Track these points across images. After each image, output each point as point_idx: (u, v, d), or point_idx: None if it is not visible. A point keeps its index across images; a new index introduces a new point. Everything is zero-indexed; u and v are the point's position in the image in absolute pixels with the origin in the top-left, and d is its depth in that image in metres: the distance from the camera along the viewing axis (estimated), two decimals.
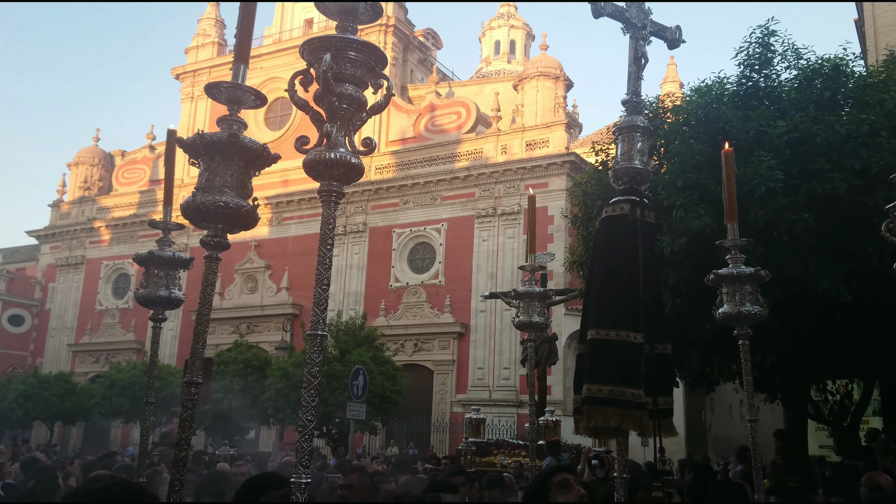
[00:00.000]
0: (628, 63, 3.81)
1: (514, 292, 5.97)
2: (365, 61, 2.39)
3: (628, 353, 3.38)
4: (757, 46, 10.67)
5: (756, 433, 4.59)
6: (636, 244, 3.54)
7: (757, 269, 4.48)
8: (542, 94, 32.01)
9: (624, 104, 3.78)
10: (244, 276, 36.04)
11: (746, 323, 4.50)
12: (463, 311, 30.71)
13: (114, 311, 39.51)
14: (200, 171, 2.52)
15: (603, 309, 3.49)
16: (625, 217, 3.56)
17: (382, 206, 33.49)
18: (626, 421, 3.32)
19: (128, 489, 2.55)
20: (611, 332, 3.40)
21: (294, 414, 22.87)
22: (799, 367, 10.34)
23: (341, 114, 2.40)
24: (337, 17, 2.39)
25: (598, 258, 3.69)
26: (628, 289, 3.47)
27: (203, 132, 2.49)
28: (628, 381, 3.34)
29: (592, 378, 3.41)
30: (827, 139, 8.97)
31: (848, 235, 8.90)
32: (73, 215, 42.37)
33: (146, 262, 4.09)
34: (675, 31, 4.00)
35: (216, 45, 41.27)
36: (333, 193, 2.41)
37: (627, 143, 3.69)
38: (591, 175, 13.29)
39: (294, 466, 2.22)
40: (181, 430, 2.59)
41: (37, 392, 30.62)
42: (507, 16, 48.07)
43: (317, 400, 2.31)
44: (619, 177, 3.67)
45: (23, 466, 8.08)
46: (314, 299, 2.36)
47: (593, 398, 3.36)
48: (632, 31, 3.83)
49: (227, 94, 2.54)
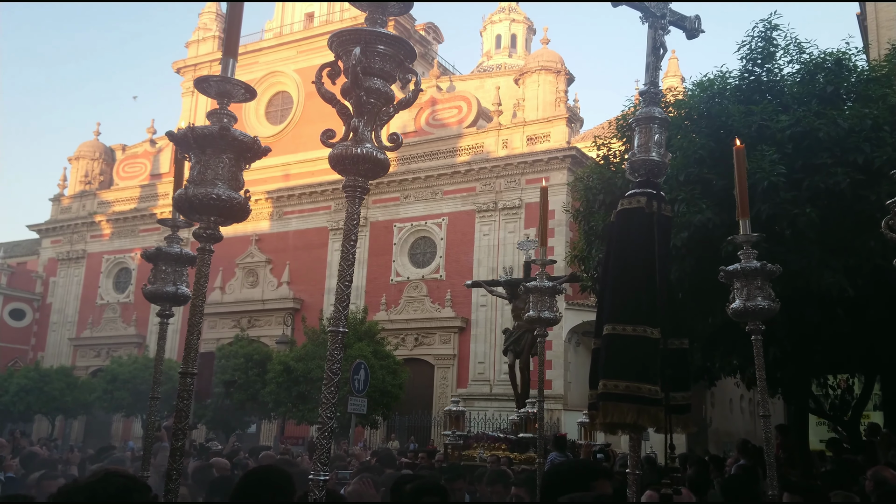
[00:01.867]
0: (646, 53, 3.72)
1: (496, 280, 5.96)
2: (394, 55, 2.37)
3: (645, 348, 3.33)
4: (759, 41, 10.63)
5: (770, 429, 4.56)
6: (653, 238, 3.48)
7: (764, 264, 4.43)
8: (543, 88, 31.95)
9: (642, 95, 3.70)
10: (245, 271, 36.04)
11: (757, 318, 4.44)
12: (464, 305, 30.71)
13: (115, 305, 39.53)
14: (192, 165, 2.53)
15: (619, 303, 3.45)
16: (641, 210, 3.49)
17: (383, 201, 33.47)
18: (642, 417, 3.28)
19: (119, 481, 2.55)
20: (627, 327, 3.36)
21: (295, 408, 22.93)
22: (801, 362, 10.35)
23: (369, 108, 2.38)
24: (367, 9, 2.37)
25: (613, 252, 3.62)
26: (644, 283, 3.43)
27: (194, 125, 2.49)
28: (644, 377, 3.30)
29: (608, 374, 3.36)
30: (829, 134, 8.95)
31: (850, 230, 8.88)
32: (74, 209, 42.36)
33: (154, 259, 4.14)
34: (695, 20, 3.90)
35: (217, 39, 41.17)
36: (359, 189, 2.38)
37: (644, 134, 3.61)
38: (592, 169, 13.26)
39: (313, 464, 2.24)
40: (177, 420, 2.61)
41: (38, 386, 30.67)
42: (508, 10, 47.94)
43: (337, 397, 2.30)
44: (635, 169, 3.60)
45: (22, 461, 8.13)
46: (336, 295, 2.33)
47: (609, 394, 3.32)
48: (650, 21, 3.73)
49: (216, 87, 2.55)
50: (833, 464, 9.19)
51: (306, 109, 35.89)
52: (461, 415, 14.30)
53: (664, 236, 3.55)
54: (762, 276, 4.42)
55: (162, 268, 4.13)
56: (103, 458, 8.60)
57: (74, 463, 8.95)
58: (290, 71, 37.22)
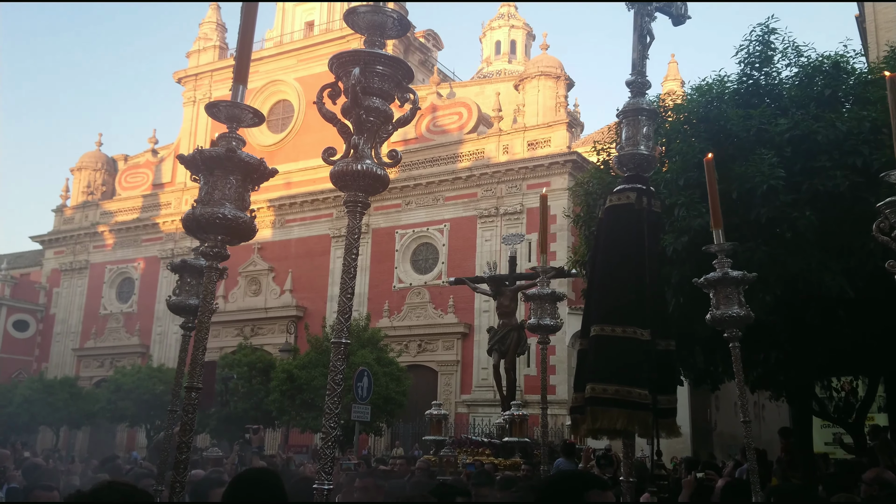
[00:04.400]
0: (633, 42, 3.56)
1: (480, 277, 5.99)
2: (392, 75, 2.46)
3: (635, 350, 3.19)
4: (757, 44, 10.66)
5: (756, 434, 4.62)
6: (642, 235, 3.34)
7: (743, 274, 4.42)
8: (543, 93, 32.03)
9: (628, 85, 3.54)
10: (248, 279, 36.09)
11: (733, 326, 4.43)
12: (466, 311, 30.71)
13: (118, 315, 39.57)
14: (200, 185, 2.60)
15: (607, 303, 3.30)
16: (630, 206, 3.36)
17: (385, 208, 33.53)
18: (632, 422, 3.15)
19: (122, 490, 2.59)
20: (616, 328, 3.22)
21: (299, 416, 22.93)
22: (803, 365, 10.34)
23: (368, 126, 2.47)
24: (365, 31, 2.46)
25: (601, 249, 3.48)
26: (634, 282, 3.27)
27: (202, 148, 2.57)
28: (634, 380, 3.15)
29: (596, 377, 3.21)
30: (828, 136, 8.97)
31: (850, 232, 8.89)
32: (77, 220, 42.47)
33: (180, 270, 4.19)
34: (682, 6, 3.73)
35: (217, 48, 41.34)
36: (359, 204, 2.47)
37: (632, 127, 3.46)
38: (592, 174, 13.29)
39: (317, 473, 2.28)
40: (182, 433, 2.65)
41: (42, 397, 30.70)
42: (507, 16, 48.09)
43: (339, 407, 2.35)
44: (623, 163, 3.46)
45: (24, 473, 8.17)
46: (339, 307, 2.40)
47: (598, 398, 3.17)
48: (637, 7, 3.57)
49: (226, 112, 2.62)
50: (836, 466, 9.19)
51: (307, 118, 35.97)
52: (443, 419, 13.19)
53: (654, 233, 3.41)
54: (733, 283, 4.39)
55: (187, 280, 4.17)
56: (109, 469, 8.64)
57: (76, 473, 8.99)
58: (291, 79, 37.32)
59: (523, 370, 28.78)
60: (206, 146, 2.61)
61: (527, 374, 28.58)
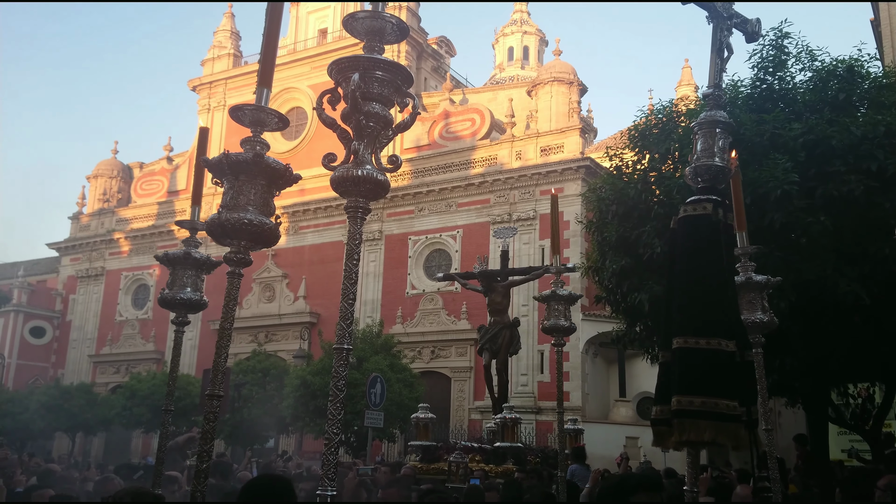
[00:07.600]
0: (711, 54, 3.60)
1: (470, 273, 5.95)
2: (392, 80, 2.45)
3: (720, 362, 3.15)
4: (771, 49, 10.64)
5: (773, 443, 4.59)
6: (720, 246, 3.32)
7: (767, 278, 4.41)
8: (556, 99, 32.00)
9: (705, 98, 3.59)
10: (262, 286, 36.23)
11: (756, 332, 4.43)
12: (480, 317, 30.57)
13: (133, 321, 39.83)
14: (225, 190, 2.58)
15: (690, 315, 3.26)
16: (708, 217, 3.32)
17: (398, 214, 33.58)
18: (720, 434, 3.10)
19: (148, 498, 2.61)
20: (700, 340, 3.18)
21: (313, 422, 22.97)
22: (819, 371, 10.27)
23: (368, 131, 2.46)
24: (364, 37, 2.44)
25: (679, 260, 3.44)
26: (716, 294, 3.24)
27: (228, 152, 2.55)
28: (722, 391, 3.12)
29: (683, 389, 3.18)
30: (842, 141, 8.93)
31: (865, 237, 8.84)
32: (93, 227, 42.80)
33: (172, 263, 4.10)
34: (756, 23, 3.80)
35: (232, 56, 41.61)
36: (360, 209, 2.46)
37: (708, 138, 3.47)
38: (604, 180, 13.26)
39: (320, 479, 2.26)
40: (203, 441, 2.62)
41: (58, 403, 30.88)
42: (520, 22, 48.15)
43: (342, 413, 2.33)
44: (698, 174, 3.44)
45: (40, 479, 8.23)
46: (340, 313, 2.39)
47: (685, 411, 3.14)
48: (716, 21, 3.62)
49: (251, 116, 2.60)
50: (852, 472, 9.10)
51: (321, 125, 35.93)
52: (430, 422, 12.49)
53: (729, 245, 3.43)
54: (757, 288, 4.39)
55: (179, 273, 4.08)
56: (124, 476, 8.68)
57: (92, 480, 9.06)
58: (305, 87, 37.49)
59: (537, 376, 28.73)
60: (214, 153, 2.60)
61: (540, 381, 28.51)
